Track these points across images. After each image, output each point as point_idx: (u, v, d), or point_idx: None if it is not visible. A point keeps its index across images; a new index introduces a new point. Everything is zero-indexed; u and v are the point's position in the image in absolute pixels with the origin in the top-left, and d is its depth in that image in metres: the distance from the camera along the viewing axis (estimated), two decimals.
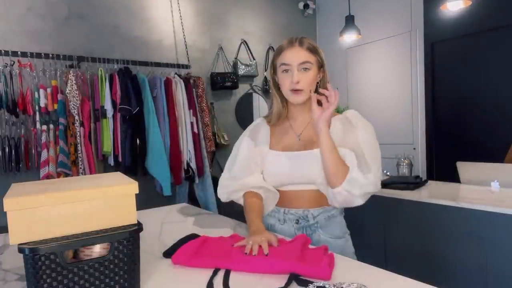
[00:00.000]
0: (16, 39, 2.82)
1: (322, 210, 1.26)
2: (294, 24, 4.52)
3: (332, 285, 0.82)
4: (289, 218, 1.28)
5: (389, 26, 3.95)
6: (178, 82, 3.27)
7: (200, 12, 3.82)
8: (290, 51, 1.23)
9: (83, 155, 2.81)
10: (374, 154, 1.19)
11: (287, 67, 1.23)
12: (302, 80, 1.21)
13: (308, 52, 1.23)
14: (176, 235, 1.30)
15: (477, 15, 3.27)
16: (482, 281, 1.84)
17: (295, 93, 1.23)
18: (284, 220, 1.29)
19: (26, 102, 2.68)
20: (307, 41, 1.25)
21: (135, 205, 0.88)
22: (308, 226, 1.27)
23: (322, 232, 1.27)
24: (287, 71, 1.23)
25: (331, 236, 1.27)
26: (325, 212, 1.27)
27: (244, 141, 1.39)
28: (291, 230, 1.28)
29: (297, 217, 1.27)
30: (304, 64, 1.22)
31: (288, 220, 1.29)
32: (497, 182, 2.16)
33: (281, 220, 1.30)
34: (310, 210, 1.26)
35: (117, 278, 0.82)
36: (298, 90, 1.22)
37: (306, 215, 1.26)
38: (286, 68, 1.23)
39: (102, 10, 3.22)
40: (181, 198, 3.36)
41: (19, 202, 0.75)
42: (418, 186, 2.29)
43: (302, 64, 1.22)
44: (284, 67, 1.24)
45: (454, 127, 3.53)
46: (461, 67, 3.46)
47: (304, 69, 1.22)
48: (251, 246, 1.01)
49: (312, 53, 1.24)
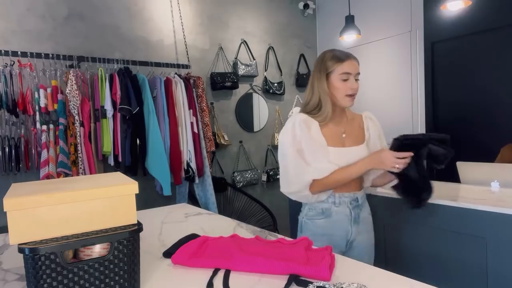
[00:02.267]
0: (16, 39, 2.82)
1: (362, 192, 1.60)
2: (294, 24, 4.52)
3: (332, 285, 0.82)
4: (343, 201, 1.52)
5: (389, 26, 3.95)
6: (178, 82, 3.27)
7: (200, 12, 3.82)
8: (351, 62, 1.48)
9: (83, 155, 2.81)
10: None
11: (348, 76, 1.47)
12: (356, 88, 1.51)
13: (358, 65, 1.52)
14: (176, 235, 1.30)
15: (477, 15, 3.27)
16: (482, 281, 1.84)
17: (350, 98, 1.49)
18: (340, 203, 1.53)
19: (26, 102, 2.68)
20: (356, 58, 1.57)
21: (135, 205, 0.88)
22: (357, 206, 1.55)
23: (364, 210, 1.60)
24: (347, 80, 1.47)
25: (368, 213, 1.64)
26: (364, 194, 1.62)
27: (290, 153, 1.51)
28: (346, 210, 1.53)
29: (351, 199, 1.53)
30: (358, 75, 1.51)
31: (343, 203, 1.53)
32: (497, 182, 2.16)
33: (336, 203, 1.52)
34: (357, 193, 1.56)
35: (117, 278, 0.82)
36: (354, 95, 1.50)
37: (356, 197, 1.55)
38: (347, 78, 1.47)
39: (102, 10, 3.22)
40: (181, 198, 3.36)
41: (19, 202, 0.75)
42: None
43: (357, 74, 1.50)
44: (346, 76, 1.47)
45: (454, 127, 3.53)
46: (461, 67, 3.46)
47: (357, 79, 1.50)
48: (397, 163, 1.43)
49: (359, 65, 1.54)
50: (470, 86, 3.41)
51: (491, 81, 3.26)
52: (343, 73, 1.46)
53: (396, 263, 2.14)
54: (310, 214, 1.56)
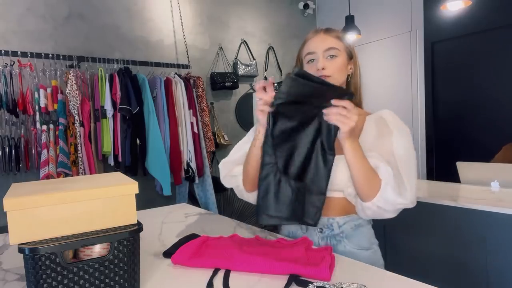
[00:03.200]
0: (16, 39, 2.82)
1: (348, 218, 1.14)
2: (294, 24, 4.52)
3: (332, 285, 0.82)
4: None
5: (389, 26, 3.95)
6: (178, 82, 3.27)
7: (200, 12, 3.82)
8: (315, 38, 1.14)
9: (83, 155, 2.81)
10: (410, 168, 1.03)
11: (312, 56, 1.12)
12: (328, 67, 1.09)
13: (335, 38, 1.12)
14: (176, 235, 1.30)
15: (477, 15, 3.27)
16: (482, 281, 1.84)
17: None
18: (307, 228, 1.17)
19: (26, 102, 2.68)
20: (334, 29, 1.16)
21: (135, 205, 0.88)
22: (333, 236, 1.14)
23: (348, 243, 1.14)
24: (313, 60, 1.12)
25: (357, 247, 1.14)
26: (352, 221, 1.14)
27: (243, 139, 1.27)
28: (313, 239, 1.16)
29: (321, 226, 1.14)
30: (330, 50, 1.10)
31: (311, 228, 1.16)
32: (497, 182, 2.16)
33: (303, 228, 1.18)
34: (336, 218, 1.13)
35: (117, 278, 0.82)
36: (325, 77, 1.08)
37: (331, 223, 1.14)
38: (311, 58, 1.12)
39: (102, 10, 3.22)
40: (181, 198, 3.36)
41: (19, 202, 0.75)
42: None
43: (328, 50, 1.11)
44: (309, 56, 1.13)
45: (454, 127, 3.53)
46: (461, 67, 3.46)
47: (331, 56, 1.11)
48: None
49: (339, 40, 1.13)
50: (470, 86, 3.41)
51: (491, 81, 3.26)
52: (306, 54, 1.14)
53: (396, 263, 2.14)
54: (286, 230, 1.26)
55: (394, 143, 1.05)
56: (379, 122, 1.12)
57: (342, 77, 1.13)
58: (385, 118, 1.12)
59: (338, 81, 1.11)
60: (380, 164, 1.01)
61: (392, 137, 1.06)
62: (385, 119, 1.11)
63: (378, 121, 1.13)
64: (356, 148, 0.99)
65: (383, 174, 1.00)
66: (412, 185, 1.02)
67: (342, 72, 1.13)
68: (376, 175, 1.01)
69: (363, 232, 1.17)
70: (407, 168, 1.03)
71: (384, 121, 1.11)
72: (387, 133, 1.08)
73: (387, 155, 1.04)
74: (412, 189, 1.01)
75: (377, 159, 1.03)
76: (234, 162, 1.24)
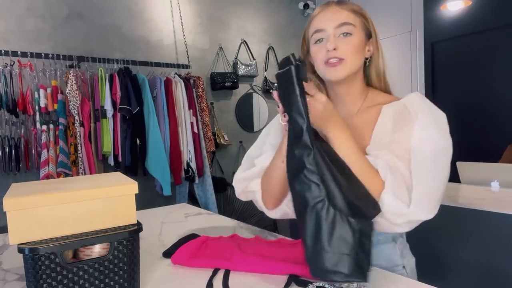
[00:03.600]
0: (16, 39, 2.82)
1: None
2: (294, 24, 4.52)
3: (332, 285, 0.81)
4: None
5: (389, 26, 3.95)
6: (178, 82, 3.27)
7: (200, 12, 3.82)
8: (325, 12, 0.92)
9: (83, 155, 2.81)
10: (431, 170, 0.80)
11: (321, 34, 0.91)
12: (341, 46, 0.88)
13: (350, 11, 0.91)
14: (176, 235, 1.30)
15: (477, 15, 3.27)
16: (482, 281, 1.84)
17: (332, 66, 0.89)
18: None
19: (26, 102, 2.68)
20: (348, 2, 0.93)
21: (135, 205, 0.88)
22: None
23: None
24: (321, 40, 0.91)
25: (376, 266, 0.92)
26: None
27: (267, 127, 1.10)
28: None
29: None
30: (343, 26, 0.89)
31: None
32: (497, 182, 2.16)
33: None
34: None
35: (117, 278, 0.82)
36: (337, 61, 0.88)
37: None
38: (320, 37, 0.91)
39: (102, 10, 3.22)
40: (181, 198, 3.36)
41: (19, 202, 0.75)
42: None
43: (340, 26, 0.89)
44: (318, 35, 0.91)
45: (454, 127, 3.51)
46: (461, 67, 3.46)
47: (345, 35, 0.89)
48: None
49: (355, 14, 0.92)
50: (470, 86, 3.41)
51: (491, 81, 3.26)
52: (314, 32, 0.92)
53: None
54: None
55: (416, 134, 0.81)
56: (399, 111, 0.88)
57: (359, 60, 0.92)
58: (407, 104, 0.87)
59: (354, 66, 0.92)
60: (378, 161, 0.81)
61: (414, 126, 0.82)
62: (407, 106, 0.87)
63: (399, 110, 0.89)
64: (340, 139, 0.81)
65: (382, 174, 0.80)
66: (429, 193, 0.80)
67: (359, 55, 0.92)
68: (374, 175, 0.81)
69: (382, 250, 0.97)
70: (427, 169, 0.80)
71: (404, 109, 0.87)
72: (408, 120, 0.84)
73: (401, 150, 0.81)
74: (427, 198, 0.80)
75: (375, 156, 0.83)
76: (249, 179, 1.05)
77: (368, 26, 0.95)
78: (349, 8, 0.92)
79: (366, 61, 0.97)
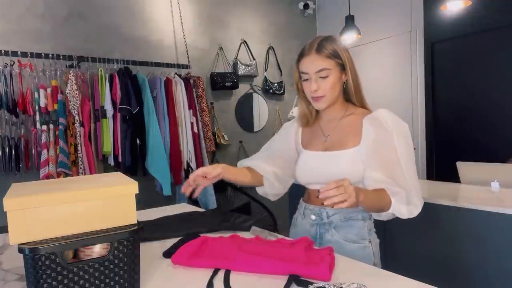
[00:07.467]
0: (16, 39, 2.82)
1: (339, 210, 1.22)
2: (294, 24, 4.52)
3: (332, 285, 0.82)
4: (307, 213, 1.31)
5: (389, 26, 3.95)
6: (178, 82, 3.27)
7: (200, 12, 3.82)
8: (307, 59, 1.21)
9: (83, 155, 2.81)
10: (413, 171, 1.17)
11: (306, 75, 1.23)
12: (321, 87, 1.21)
13: (325, 58, 1.19)
14: None
15: (477, 15, 3.27)
16: (482, 281, 1.84)
17: (316, 100, 1.24)
18: (304, 215, 1.33)
19: (26, 102, 2.68)
20: (326, 46, 1.20)
21: (135, 205, 0.88)
22: (322, 224, 1.27)
23: (335, 233, 1.24)
24: (307, 79, 1.23)
25: (344, 238, 1.23)
26: (343, 213, 1.23)
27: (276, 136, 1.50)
28: (307, 226, 1.31)
29: (313, 213, 1.29)
30: (321, 72, 1.20)
31: (307, 216, 1.32)
32: (497, 182, 2.16)
33: (301, 215, 1.35)
34: (326, 209, 1.25)
35: (117, 278, 0.82)
36: (319, 97, 1.23)
37: (321, 212, 1.26)
38: (306, 77, 1.23)
39: (102, 10, 3.22)
40: (181, 198, 3.35)
41: (19, 202, 0.75)
42: None
43: (319, 72, 1.20)
44: (304, 75, 1.24)
45: (454, 127, 3.53)
46: (461, 67, 3.46)
47: (323, 77, 1.20)
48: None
49: (330, 58, 1.20)
50: (470, 86, 3.41)
51: (491, 81, 3.26)
52: (301, 72, 1.25)
53: (396, 263, 2.14)
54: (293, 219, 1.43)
55: (398, 148, 1.15)
56: (375, 123, 1.20)
57: (336, 92, 1.24)
58: (380, 119, 1.19)
59: (333, 98, 1.24)
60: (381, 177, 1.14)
61: (393, 141, 1.16)
62: (380, 120, 1.19)
63: (374, 122, 1.20)
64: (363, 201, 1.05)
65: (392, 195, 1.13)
66: (418, 189, 1.16)
67: (336, 88, 1.23)
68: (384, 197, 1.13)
69: (353, 225, 1.24)
70: (410, 170, 1.16)
71: (380, 122, 1.19)
72: (384, 133, 1.17)
73: (392, 164, 1.15)
74: (418, 194, 1.16)
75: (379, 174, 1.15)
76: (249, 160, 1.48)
77: (342, 62, 1.21)
78: (326, 55, 1.19)
79: (344, 84, 1.26)
